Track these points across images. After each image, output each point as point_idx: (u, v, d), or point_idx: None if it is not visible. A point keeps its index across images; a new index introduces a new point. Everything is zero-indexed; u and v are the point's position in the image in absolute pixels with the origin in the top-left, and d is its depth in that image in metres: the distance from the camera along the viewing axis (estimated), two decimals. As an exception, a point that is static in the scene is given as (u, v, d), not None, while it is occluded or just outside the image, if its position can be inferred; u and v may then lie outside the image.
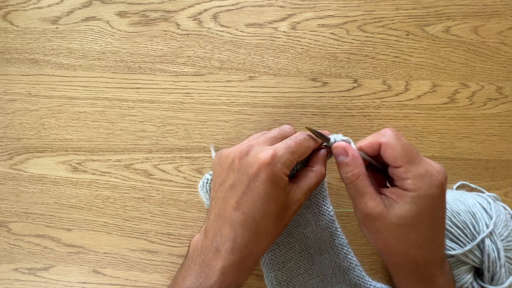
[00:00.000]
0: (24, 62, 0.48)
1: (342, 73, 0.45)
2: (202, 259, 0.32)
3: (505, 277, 0.34)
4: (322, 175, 0.34)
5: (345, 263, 0.38)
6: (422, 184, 0.29)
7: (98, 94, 0.47)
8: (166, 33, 0.47)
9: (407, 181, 0.29)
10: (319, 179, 0.33)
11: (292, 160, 0.31)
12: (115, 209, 0.45)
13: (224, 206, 0.32)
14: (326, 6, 0.46)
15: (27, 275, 0.45)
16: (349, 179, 0.31)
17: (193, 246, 0.33)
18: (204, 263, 0.31)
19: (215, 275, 0.31)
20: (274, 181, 0.30)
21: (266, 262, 0.37)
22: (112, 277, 0.45)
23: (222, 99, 0.46)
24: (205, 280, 0.31)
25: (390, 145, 0.29)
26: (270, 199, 0.30)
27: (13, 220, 0.46)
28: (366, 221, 0.31)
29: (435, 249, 0.31)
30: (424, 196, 0.29)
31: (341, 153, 0.32)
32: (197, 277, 0.31)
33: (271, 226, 0.31)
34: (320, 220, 0.38)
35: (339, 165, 0.32)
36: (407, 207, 0.29)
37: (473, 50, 0.44)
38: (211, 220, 0.33)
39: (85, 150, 0.46)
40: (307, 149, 0.32)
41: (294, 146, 0.31)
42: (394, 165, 0.30)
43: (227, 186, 0.32)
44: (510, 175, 0.43)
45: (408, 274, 0.32)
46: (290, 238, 0.38)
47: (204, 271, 0.31)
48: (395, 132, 0.30)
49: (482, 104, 0.44)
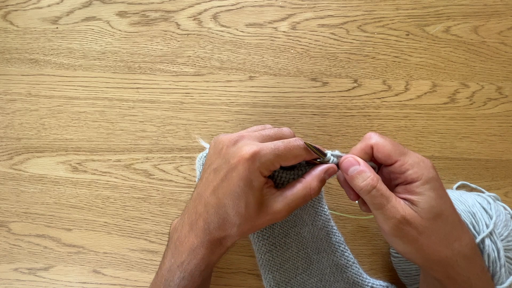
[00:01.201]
0: (24, 62, 0.48)
1: (342, 73, 0.45)
2: (177, 236, 0.33)
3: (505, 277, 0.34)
4: (312, 189, 0.31)
5: (343, 261, 0.38)
6: (422, 170, 0.29)
7: (98, 94, 0.47)
8: (166, 33, 0.47)
9: (408, 172, 0.29)
10: (306, 192, 0.31)
11: (274, 163, 0.30)
12: (115, 209, 0.45)
13: (205, 187, 0.32)
14: (326, 6, 0.46)
15: (27, 275, 0.45)
16: (371, 185, 0.29)
17: (173, 225, 0.35)
18: (178, 240, 0.32)
19: (186, 251, 0.32)
20: (248, 179, 0.30)
21: (263, 264, 0.37)
22: (112, 277, 0.45)
23: (222, 99, 0.46)
24: (177, 258, 0.32)
25: (380, 143, 0.30)
26: (241, 194, 0.30)
27: (13, 220, 0.46)
28: (402, 230, 0.28)
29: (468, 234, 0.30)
30: (429, 180, 0.29)
31: (352, 164, 0.30)
32: (172, 255, 0.32)
33: (239, 220, 0.31)
34: (316, 221, 0.38)
35: (353, 178, 0.30)
36: (426, 197, 0.28)
37: (473, 50, 0.44)
38: (192, 198, 0.34)
39: (85, 150, 0.46)
40: (295, 157, 0.31)
41: (282, 150, 0.30)
42: (390, 161, 0.30)
43: (212, 169, 0.32)
44: (510, 175, 0.43)
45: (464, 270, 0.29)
46: (287, 239, 0.38)
47: (177, 248, 0.32)
48: (378, 133, 0.31)
49: (482, 104, 0.44)
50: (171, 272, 0.32)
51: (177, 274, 0.31)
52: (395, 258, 0.40)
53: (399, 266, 0.40)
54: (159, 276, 0.33)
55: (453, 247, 0.29)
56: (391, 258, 0.41)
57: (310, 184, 0.32)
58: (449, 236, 0.29)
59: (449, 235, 0.29)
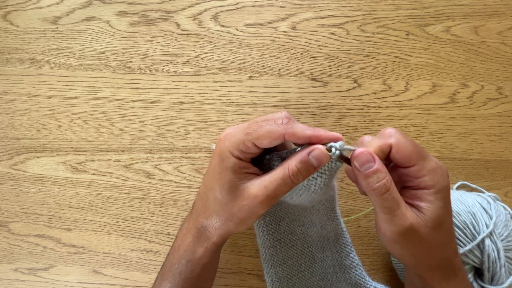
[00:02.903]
0: (24, 62, 0.48)
1: (342, 73, 0.45)
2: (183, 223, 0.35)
3: (505, 277, 0.34)
4: (290, 169, 0.28)
5: (347, 261, 0.38)
6: (438, 178, 0.27)
7: (98, 94, 0.47)
8: (166, 33, 0.47)
9: (425, 178, 0.27)
10: (285, 173, 0.28)
11: (244, 141, 0.28)
12: (115, 209, 0.45)
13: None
14: (326, 6, 0.46)
15: (27, 275, 0.45)
16: (385, 187, 0.27)
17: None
18: (181, 225, 0.35)
19: (180, 233, 0.34)
20: (220, 158, 0.30)
21: (266, 258, 0.37)
22: (112, 277, 0.45)
23: (222, 99, 0.46)
24: (176, 240, 0.34)
25: (401, 144, 0.27)
26: (215, 174, 0.30)
27: (13, 220, 0.46)
28: (406, 237, 0.27)
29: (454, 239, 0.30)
30: (443, 189, 0.27)
31: (369, 160, 0.27)
32: (177, 239, 0.34)
33: (217, 206, 0.30)
34: (327, 225, 0.38)
35: (366, 176, 0.27)
36: (435, 207, 0.27)
37: (473, 50, 0.44)
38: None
39: (85, 150, 0.46)
40: (268, 133, 0.27)
41: (253, 127, 0.28)
42: (408, 165, 0.27)
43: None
44: (510, 175, 0.43)
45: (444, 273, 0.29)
46: (293, 236, 0.38)
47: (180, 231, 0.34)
48: (399, 131, 0.28)
49: (482, 104, 0.44)
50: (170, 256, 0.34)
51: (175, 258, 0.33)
52: (396, 259, 0.40)
53: (399, 266, 0.40)
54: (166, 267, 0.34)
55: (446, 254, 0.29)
56: (391, 258, 0.41)
57: (288, 164, 0.28)
58: (443, 244, 0.29)
59: (444, 243, 0.29)
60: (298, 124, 0.28)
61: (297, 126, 0.28)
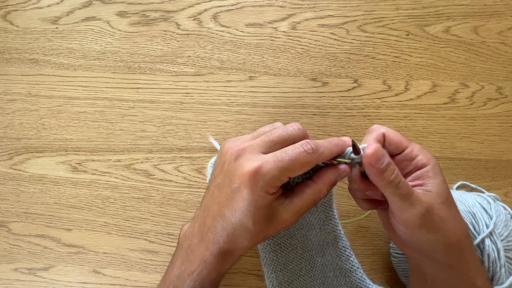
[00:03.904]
0: (24, 62, 0.48)
1: (342, 73, 0.45)
2: (188, 244, 0.32)
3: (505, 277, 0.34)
4: (322, 193, 0.30)
5: (347, 265, 0.38)
6: (428, 155, 0.29)
7: (98, 94, 0.47)
8: (166, 33, 0.47)
9: (419, 157, 0.29)
10: (316, 198, 0.30)
11: (280, 178, 0.28)
12: (115, 209, 0.45)
13: (211, 201, 0.32)
14: (326, 6, 0.46)
15: (27, 275, 0.45)
16: (399, 176, 0.27)
17: (182, 232, 0.34)
18: (189, 249, 0.32)
19: (197, 261, 0.31)
20: (253, 199, 0.28)
21: (267, 263, 0.37)
22: (112, 277, 0.45)
23: (222, 99, 0.46)
24: (188, 266, 0.31)
25: (391, 132, 0.30)
26: (247, 214, 0.28)
27: (13, 220, 0.46)
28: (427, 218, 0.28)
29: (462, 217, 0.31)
30: (436, 164, 0.29)
31: (382, 155, 0.27)
32: (183, 262, 0.32)
33: (248, 236, 0.30)
34: (325, 225, 0.38)
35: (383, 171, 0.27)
36: (436, 182, 0.28)
37: (473, 50, 0.44)
38: (201, 209, 0.33)
39: (85, 150, 0.46)
40: (303, 166, 0.28)
41: (287, 161, 0.27)
42: (401, 149, 0.30)
43: (216, 184, 0.32)
44: (510, 175, 0.43)
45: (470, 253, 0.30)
46: (292, 240, 0.38)
47: (188, 256, 0.31)
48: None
49: (482, 104, 0.44)
50: (181, 279, 0.31)
51: (187, 282, 0.31)
52: (395, 258, 0.40)
53: (399, 266, 0.40)
54: (166, 281, 0.32)
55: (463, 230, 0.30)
56: (391, 258, 0.41)
57: (319, 189, 0.30)
58: (457, 218, 0.29)
59: (457, 217, 0.29)
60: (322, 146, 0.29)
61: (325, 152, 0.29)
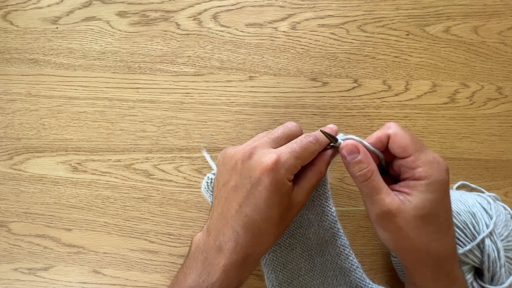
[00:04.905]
0: (24, 62, 0.48)
1: (342, 73, 0.45)
2: (205, 257, 0.32)
3: (505, 277, 0.34)
4: (322, 173, 0.33)
5: (347, 264, 0.38)
6: (433, 171, 0.28)
7: (98, 94, 0.47)
8: (166, 33, 0.47)
9: (418, 169, 0.29)
10: (318, 178, 0.33)
11: (296, 165, 0.31)
12: (115, 209, 0.45)
13: (227, 207, 0.32)
14: (326, 6, 0.46)
15: (27, 275, 0.45)
16: (365, 176, 0.30)
17: (195, 244, 0.33)
18: (206, 261, 0.31)
19: (217, 272, 0.31)
20: (277, 187, 0.30)
21: (267, 263, 0.37)
22: (112, 277, 0.45)
23: (222, 99, 0.46)
24: (208, 278, 0.31)
25: (398, 135, 0.30)
26: (272, 204, 0.30)
27: (13, 220, 0.46)
28: (384, 220, 0.30)
29: (451, 240, 0.30)
30: (436, 182, 0.28)
31: (352, 151, 0.31)
32: (200, 275, 0.31)
33: (273, 229, 0.31)
34: (323, 221, 0.38)
35: (350, 164, 0.31)
36: (423, 196, 0.28)
37: (473, 50, 0.44)
38: (213, 219, 0.33)
39: (85, 150, 0.46)
40: (312, 154, 0.32)
41: (299, 151, 0.31)
42: (404, 155, 0.29)
43: (230, 188, 0.32)
44: (510, 175, 0.43)
45: (431, 271, 0.30)
46: (292, 239, 0.38)
47: (206, 269, 0.31)
48: (400, 124, 0.31)
49: (482, 104, 0.44)
50: None
51: None
52: (395, 258, 0.40)
53: (399, 266, 0.40)
54: None
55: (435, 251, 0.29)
56: (391, 258, 0.41)
57: (320, 170, 0.33)
58: (430, 238, 0.29)
59: (431, 237, 0.29)
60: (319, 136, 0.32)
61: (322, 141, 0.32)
